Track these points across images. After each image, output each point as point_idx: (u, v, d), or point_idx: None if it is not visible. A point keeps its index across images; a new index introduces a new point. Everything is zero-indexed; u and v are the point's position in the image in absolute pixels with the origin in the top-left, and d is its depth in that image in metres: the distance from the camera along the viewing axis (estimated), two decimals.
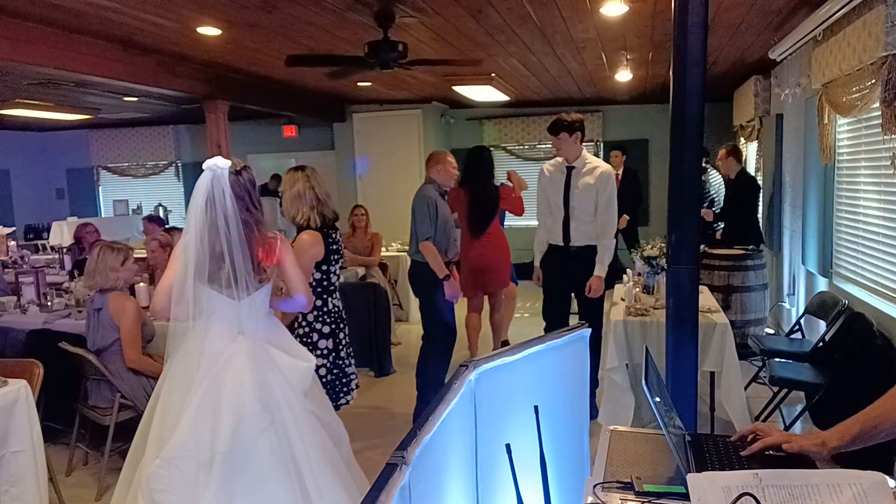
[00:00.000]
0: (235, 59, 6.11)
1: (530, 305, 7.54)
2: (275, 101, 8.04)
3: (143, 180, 11.66)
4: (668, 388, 2.62)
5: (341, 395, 3.52)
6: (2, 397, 2.79)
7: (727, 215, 6.59)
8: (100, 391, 3.69)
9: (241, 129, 10.35)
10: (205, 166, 2.46)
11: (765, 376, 4.28)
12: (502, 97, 8.55)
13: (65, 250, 6.64)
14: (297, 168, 3.51)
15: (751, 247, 5.91)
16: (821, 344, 4.27)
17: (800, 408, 4.23)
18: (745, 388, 4.41)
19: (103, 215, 11.57)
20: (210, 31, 4.94)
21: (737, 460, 1.50)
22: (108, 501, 2.98)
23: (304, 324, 3.43)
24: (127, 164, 11.58)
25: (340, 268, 3.59)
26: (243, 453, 2.36)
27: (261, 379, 2.45)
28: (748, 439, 1.54)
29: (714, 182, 6.97)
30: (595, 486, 1.41)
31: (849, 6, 3.75)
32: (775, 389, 4.27)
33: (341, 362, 3.52)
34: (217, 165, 2.45)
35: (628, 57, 6.22)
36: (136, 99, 8.05)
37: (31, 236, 10.06)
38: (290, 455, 2.42)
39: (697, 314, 2.73)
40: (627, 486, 1.40)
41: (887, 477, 1.31)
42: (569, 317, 4.61)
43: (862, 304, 4.19)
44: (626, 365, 3.86)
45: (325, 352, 3.44)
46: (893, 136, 3.43)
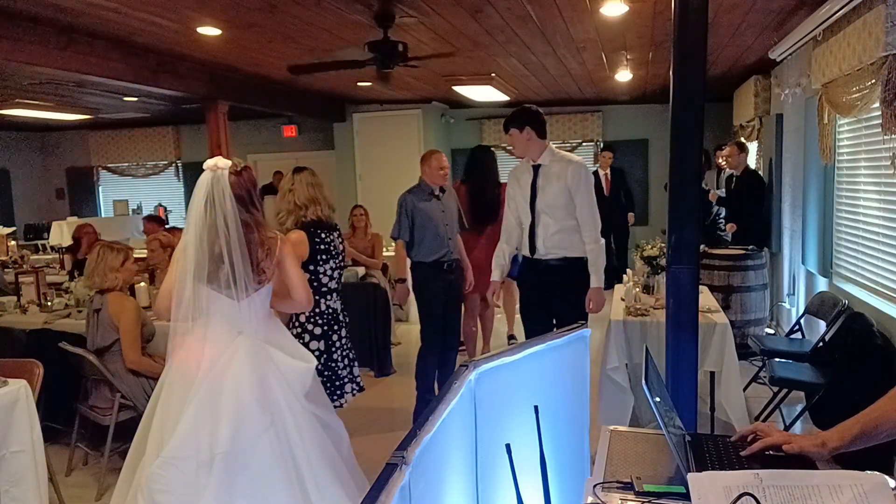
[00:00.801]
0: (235, 59, 6.11)
1: None
2: (275, 101, 8.03)
3: (143, 180, 11.65)
4: (668, 388, 2.62)
5: (333, 398, 3.45)
6: (2, 397, 2.79)
7: (734, 211, 6.60)
8: (100, 391, 3.69)
9: (241, 129, 10.35)
10: (205, 166, 2.46)
11: (765, 376, 4.28)
12: (502, 97, 8.55)
13: (64, 250, 6.65)
14: (296, 169, 3.54)
15: (751, 247, 5.91)
16: (821, 344, 4.27)
17: (800, 408, 4.23)
18: (745, 389, 4.41)
19: (103, 215, 11.57)
20: (210, 31, 4.94)
21: (737, 460, 1.49)
22: (108, 501, 2.98)
23: (296, 324, 3.42)
24: (127, 164, 11.57)
25: (336, 269, 3.56)
26: (243, 454, 2.36)
27: (261, 379, 2.45)
28: (748, 439, 1.54)
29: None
30: (595, 486, 1.41)
31: (849, 6, 3.75)
32: (775, 389, 4.27)
33: (333, 365, 3.48)
34: (217, 166, 2.45)
35: (628, 57, 6.21)
36: (136, 99, 8.05)
37: (31, 236, 10.05)
38: (290, 455, 2.42)
39: (697, 314, 2.73)
40: (627, 486, 1.40)
41: (888, 478, 1.31)
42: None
43: (862, 304, 4.19)
44: (626, 365, 3.86)
45: (316, 354, 3.39)
46: (893, 136, 3.43)
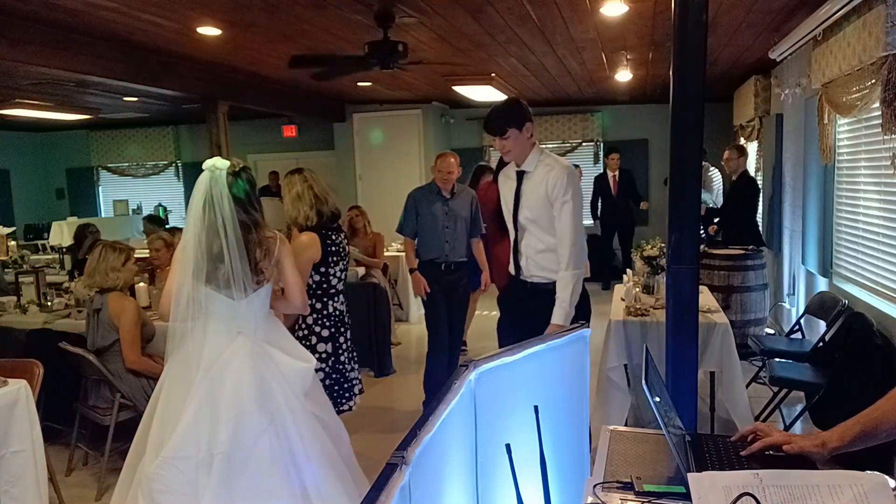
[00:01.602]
0: (235, 59, 6.11)
1: None
2: (275, 101, 8.03)
3: (143, 180, 11.65)
4: (668, 388, 2.62)
5: (342, 400, 3.43)
6: (2, 397, 2.79)
7: (726, 215, 6.60)
8: (100, 391, 3.69)
9: (241, 129, 10.35)
10: (204, 167, 2.46)
11: (765, 376, 4.28)
12: (502, 97, 8.55)
13: (64, 250, 6.65)
14: (293, 171, 3.50)
15: (751, 247, 5.91)
16: (821, 344, 4.27)
17: (800, 408, 4.23)
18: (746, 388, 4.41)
19: (103, 215, 11.57)
20: (210, 31, 4.94)
21: (737, 460, 1.49)
22: (108, 501, 2.98)
23: (303, 326, 3.41)
24: (127, 164, 11.57)
25: (343, 271, 3.54)
26: (243, 453, 2.36)
27: (260, 379, 2.45)
28: (748, 439, 1.54)
29: (714, 180, 6.97)
30: (595, 486, 1.41)
31: (849, 6, 3.75)
32: (775, 389, 4.27)
33: (341, 367, 3.45)
34: (216, 166, 2.45)
35: (628, 57, 6.21)
36: (136, 99, 8.04)
37: (31, 236, 10.06)
38: (290, 455, 2.42)
39: (697, 314, 2.73)
40: (627, 486, 1.39)
41: (888, 478, 1.31)
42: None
43: (862, 304, 4.19)
44: (626, 365, 3.86)
45: (324, 356, 3.39)
46: (893, 136, 3.43)
